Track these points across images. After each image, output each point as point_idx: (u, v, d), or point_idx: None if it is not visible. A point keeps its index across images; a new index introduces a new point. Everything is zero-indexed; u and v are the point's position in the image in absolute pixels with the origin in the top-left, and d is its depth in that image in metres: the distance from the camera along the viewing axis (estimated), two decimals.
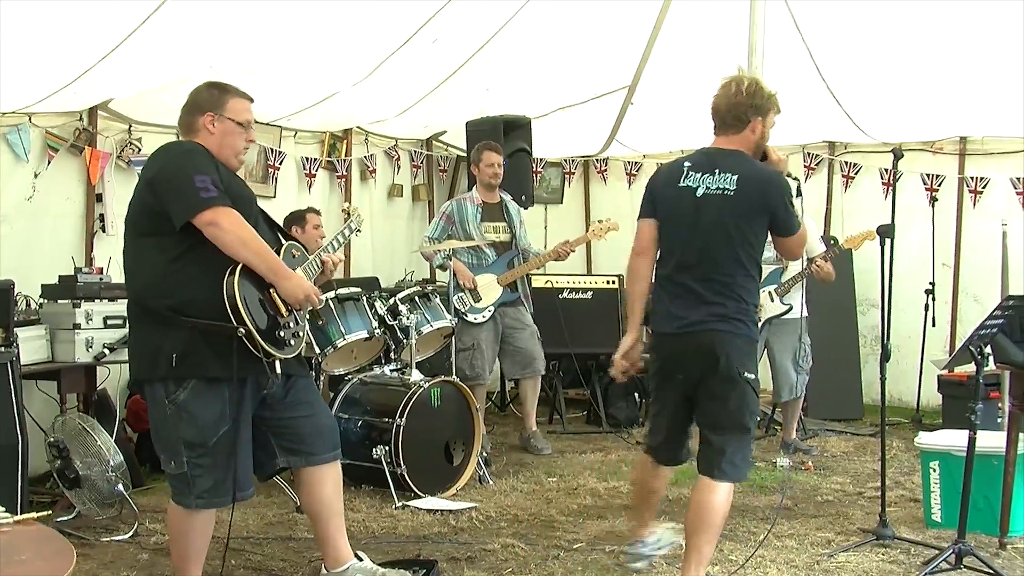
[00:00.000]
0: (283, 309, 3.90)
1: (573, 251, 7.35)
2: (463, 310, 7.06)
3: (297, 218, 6.47)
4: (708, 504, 4.10)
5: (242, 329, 3.68)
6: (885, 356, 5.06)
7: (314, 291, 3.99)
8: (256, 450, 4.03)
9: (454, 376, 6.39)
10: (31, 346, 5.43)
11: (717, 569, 4.61)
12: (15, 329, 5.13)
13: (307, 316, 4.10)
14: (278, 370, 3.87)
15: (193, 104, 3.99)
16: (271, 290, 3.87)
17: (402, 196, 9.22)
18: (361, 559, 4.25)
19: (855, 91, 8.05)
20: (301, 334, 4.01)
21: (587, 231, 7.67)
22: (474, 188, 7.43)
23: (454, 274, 6.97)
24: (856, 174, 9.03)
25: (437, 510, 5.60)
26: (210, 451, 3.81)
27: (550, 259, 7.38)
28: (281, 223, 4.66)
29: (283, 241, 4.15)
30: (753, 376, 4.19)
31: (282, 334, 3.88)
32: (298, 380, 4.11)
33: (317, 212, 6.86)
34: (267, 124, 7.62)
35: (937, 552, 4.57)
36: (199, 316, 3.72)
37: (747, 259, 4.17)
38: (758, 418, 4.42)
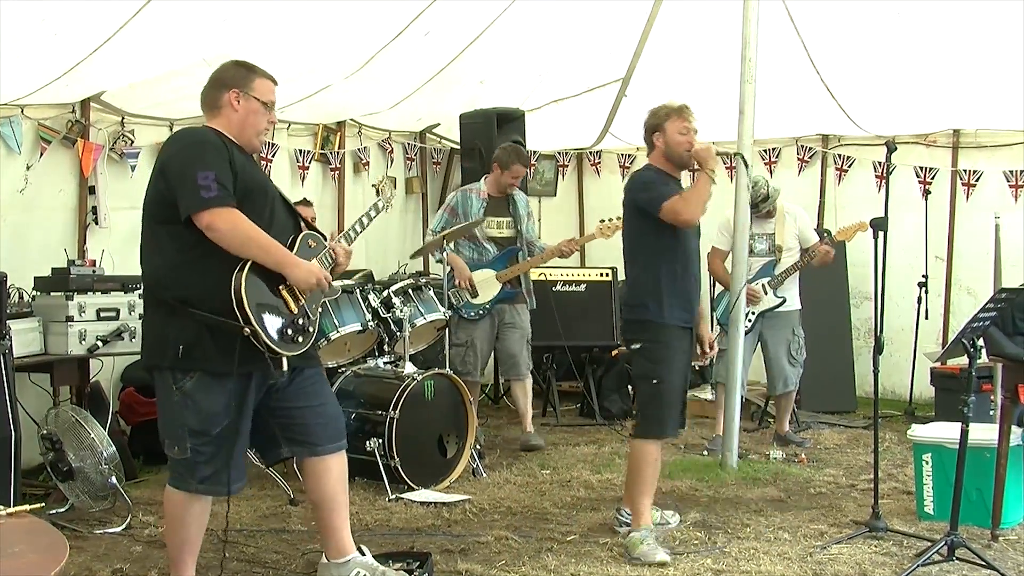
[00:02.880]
0: (293, 305, 3.88)
1: (577, 249, 7.17)
2: (459, 305, 6.99)
3: None
4: None
5: (247, 329, 3.68)
6: (878, 349, 5.07)
7: (324, 275, 3.96)
8: (262, 437, 4.04)
9: (447, 369, 6.39)
10: (24, 338, 5.42)
11: (710, 561, 4.63)
12: (8, 321, 5.11)
13: (319, 310, 4.07)
14: (284, 367, 3.85)
15: (219, 80, 3.96)
16: (281, 285, 3.85)
17: (395, 188, 9.21)
18: (364, 553, 4.22)
19: (849, 84, 8.06)
20: (312, 330, 3.97)
21: (595, 228, 7.17)
22: (483, 180, 7.26)
23: (451, 268, 6.91)
24: (849, 167, 9.04)
25: (431, 502, 5.60)
26: (213, 440, 3.81)
27: (553, 256, 7.17)
28: None
29: (301, 226, 4.09)
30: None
31: (290, 331, 3.85)
32: (304, 370, 4.07)
33: (308, 204, 6.84)
34: None
35: (929, 544, 4.58)
36: (207, 310, 3.71)
37: None
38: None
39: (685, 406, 5.03)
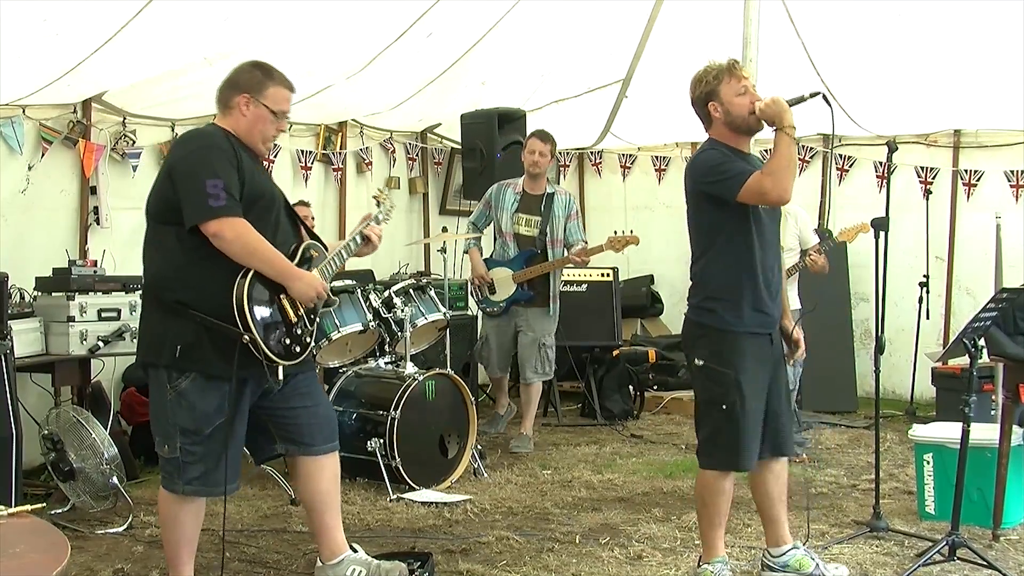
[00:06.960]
0: (292, 315, 3.89)
1: (587, 261, 7.10)
2: (478, 299, 7.25)
3: None
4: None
5: (247, 336, 3.69)
6: (879, 349, 5.07)
7: (324, 287, 3.98)
8: (256, 435, 4.05)
9: (448, 369, 6.39)
10: (25, 339, 5.43)
11: None
12: (9, 321, 5.11)
13: (317, 320, 4.07)
14: (280, 375, 3.86)
15: (234, 81, 3.97)
16: (282, 294, 3.87)
17: (399, 188, 9.21)
18: (356, 551, 4.25)
19: (849, 84, 8.05)
20: (309, 340, 3.99)
21: (605, 241, 7.16)
22: (525, 174, 7.28)
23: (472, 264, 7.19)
24: (850, 167, 9.05)
25: (432, 503, 5.60)
26: (204, 440, 3.82)
27: (564, 265, 7.17)
28: None
29: (303, 233, 4.11)
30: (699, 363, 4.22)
31: (288, 341, 3.87)
32: (298, 374, 4.08)
33: (306, 204, 6.84)
34: None
35: (931, 544, 4.58)
36: (208, 313, 3.72)
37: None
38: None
39: (772, 428, 4.31)
